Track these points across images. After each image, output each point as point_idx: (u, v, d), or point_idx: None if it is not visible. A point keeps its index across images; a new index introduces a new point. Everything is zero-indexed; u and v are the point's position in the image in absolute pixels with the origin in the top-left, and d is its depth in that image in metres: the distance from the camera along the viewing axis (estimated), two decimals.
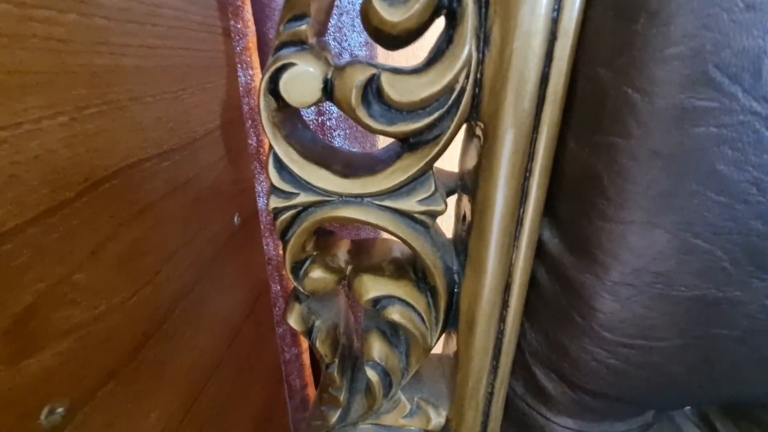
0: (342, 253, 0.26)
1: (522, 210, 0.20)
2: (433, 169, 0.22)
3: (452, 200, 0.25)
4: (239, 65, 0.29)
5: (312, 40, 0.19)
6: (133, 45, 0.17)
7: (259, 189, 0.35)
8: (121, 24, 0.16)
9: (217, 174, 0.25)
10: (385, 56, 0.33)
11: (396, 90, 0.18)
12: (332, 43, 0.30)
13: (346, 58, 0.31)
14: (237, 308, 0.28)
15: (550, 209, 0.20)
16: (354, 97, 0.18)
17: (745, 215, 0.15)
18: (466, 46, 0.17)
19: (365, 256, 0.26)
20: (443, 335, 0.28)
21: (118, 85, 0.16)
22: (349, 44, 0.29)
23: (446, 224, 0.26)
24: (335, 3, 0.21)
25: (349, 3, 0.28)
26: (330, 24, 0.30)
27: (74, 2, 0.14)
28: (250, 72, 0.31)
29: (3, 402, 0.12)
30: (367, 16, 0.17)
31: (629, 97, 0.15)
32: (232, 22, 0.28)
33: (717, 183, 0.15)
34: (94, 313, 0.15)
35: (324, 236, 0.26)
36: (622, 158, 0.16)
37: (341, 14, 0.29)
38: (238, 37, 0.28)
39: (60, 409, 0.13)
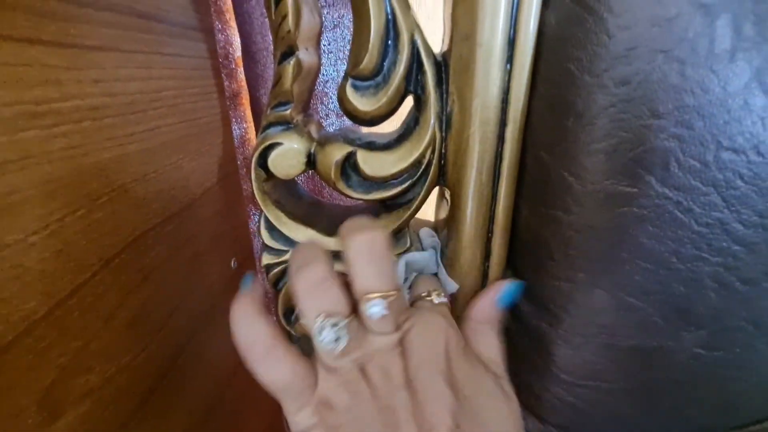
0: None
1: (487, 264, 0.22)
2: (409, 226, 0.24)
3: None
4: (234, 120, 0.32)
5: (297, 118, 0.22)
6: (137, 132, 0.19)
7: (254, 229, 0.37)
8: (126, 117, 0.19)
9: (215, 226, 0.28)
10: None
11: (370, 166, 0.20)
12: (319, 106, 0.33)
13: (332, 119, 0.33)
14: (233, 348, 0.30)
15: (511, 263, 0.23)
16: (333, 173, 0.20)
17: (669, 279, 0.17)
18: (430, 129, 0.20)
19: None
20: None
21: (123, 172, 0.18)
22: (335, 106, 0.32)
23: None
24: (318, 80, 0.24)
25: (334, 71, 0.31)
26: (317, 90, 0.33)
27: (88, 111, 0.16)
28: (245, 125, 0.33)
29: None
30: (342, 101, 0.20)
31: (566, 179, 0.17)
32: (226, 83, 0.30)
33: (642, 253, 0.17)
34: (105, 375, 0.17)
35: None
36: (565, 229, 0.18)
37: (326, 81, 0.32)
38: (232, 96, 0.30)
39: None
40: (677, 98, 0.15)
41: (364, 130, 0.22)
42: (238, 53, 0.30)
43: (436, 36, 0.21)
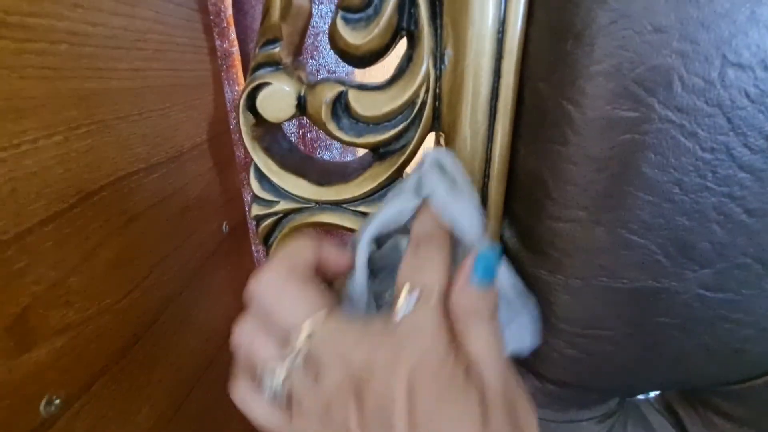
0: None
1: (484, 211, 0.21)
2: (404, 176, 0.24)
3: None
4: (226, 82, 0.31)
5: (286, 60, 0.21)
6: (120, 69, 0.19)
7: (248, 198, 0.37)
8: (108, 50, 0.18)
9: (205, 185, 0.27)
10: None
11: (362, 105, 0.20)
12: (309, 61, 0.32)
13: (323, 74, 0.32)
14: (226, 313, 0.29)
15: (509, 210, 0.22)
16: (324, 113, 0.20)
17: (672, 212, 0.17)
18: (424, 65, 0.19)
19: None
20: None
21: (105, 106, 0.18)
22: (325, 61, 0.31)
23: None
24: (310, 25, 0.23)
25: (325, 24, 0.30)
26: (307, 43, 0.32)
27: (65, 34, 0.16)
28: (237, 88, 0.33)
29: (5, 392, 0.13)
30: (333, 38, 0.19)
31: (564, 108, 0.17)
32: (218, 42, 0.30)
33: (644, 184, 0.17)
34: (86, 314, 0.16)
35: None
36: (563, 163, 0.17)
37: (317, 34, 0.31)
38: (224, 56, 0.30)
39: (57, 401, 0.15)
40: (680, 9, 0.14)
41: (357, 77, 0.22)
42: (230, 11, 0.30)
43: None
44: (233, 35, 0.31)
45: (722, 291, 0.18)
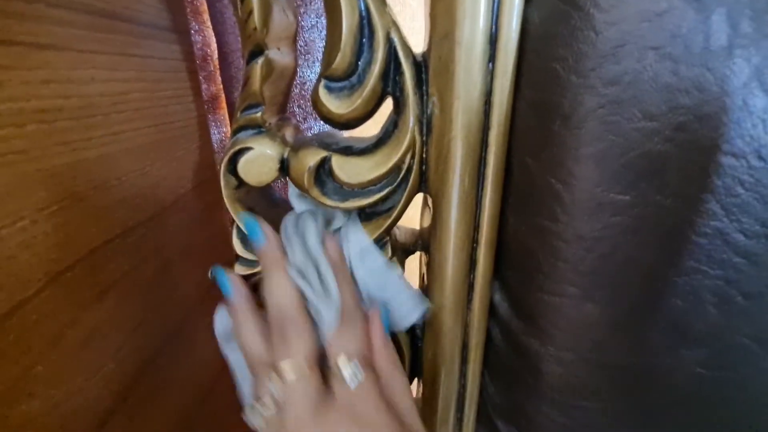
0: None
1: (472, 276, 0.21)
2: (393, 233, 0.23)
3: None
4: (213, 124, 0.31)
5: (270, 121, 0.20)
6: (96, 136, 0.18)
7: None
8: (83, 120, 0.17)
9: (189, 235, 0.26)
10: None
11: (346, 173, 0.19)
12: (296, 109, 0.31)
13: (311, 122, 0.32)
14: (211, 364, 0.28)
15: (500, 275, 0.21)
16: (307, 179, 0.19)
17: (665, 294, 0.16)
18: (409, 133, 0.18)
19: None
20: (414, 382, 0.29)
21: (79, 178, 0.17)
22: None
23: None
24: (297, 75, 0.23)
25: (313, 74, 0.30)
26: (294, 92, 0.32)
27: (33, 113, 0.15)
28: (224, 129, 0.32)
29: None
30: (316, 105, 0.19)
31: (553, 186, 0.16)
32: (204, 86, 0.29)
33: (635, 265, 0.16)
34: (51, 402, 0.15)
35: None
36: (552, 239, 0.17)
37: (304, 83, 0.30)
38: (210, 99, 0.29)
39: None
40: (671, 99, 0.14)
41: (345, 134, 0.21)
42: (216, 55, 0.29)
43: (419, 36, 0.20)
44: (219, 78, 0.30)
45: (719, 369, 0.18)
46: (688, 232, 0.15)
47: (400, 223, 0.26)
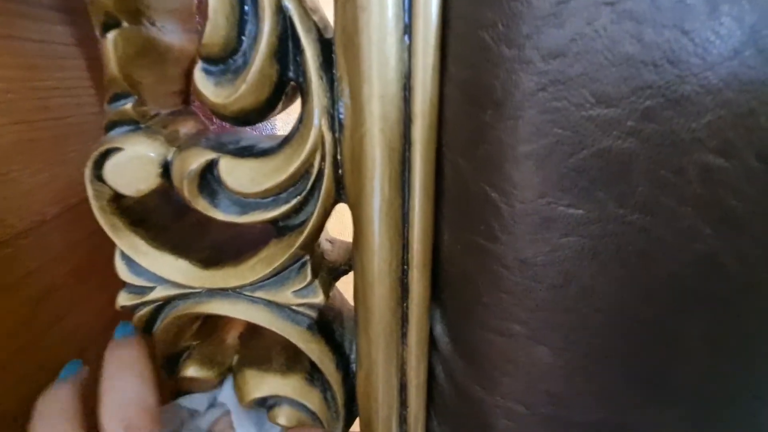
0: (232, 339, 0.23)
1: (405, 305, 0.17)
2: (320, 247, 0.19)
3: None
4: None
5: (155, 112, 0.16)
6: None
7: None
8: None
9: (84, 254, 0.22)
10: None
11: (236, 179, 0.15)
12: None
13: None
14: None
15: (440, 302, 0.17)
16: (187, 188, 0.15)
17: (638, 337, 0.12)
18: (314, 129, 0.15)
19: (256, 340, 0.23)
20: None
21: None
22: None
23: None
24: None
25: None
26: None
27: None
28: None
29: None
30: (198, 97, 0.15)
31: (489, 196, 0.12)
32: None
33: (597, 300, 0.12)
34: None
35: (213, 319, 0.23)
36: (492, 264, 0.13)
37: None
38: None
39: None
40: (633, 75, 0.10)
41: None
42: None
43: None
44: None
45: (696, 429, 0.14)
46: (664, 257, 0.11)
47: (340, 237, 0.22)
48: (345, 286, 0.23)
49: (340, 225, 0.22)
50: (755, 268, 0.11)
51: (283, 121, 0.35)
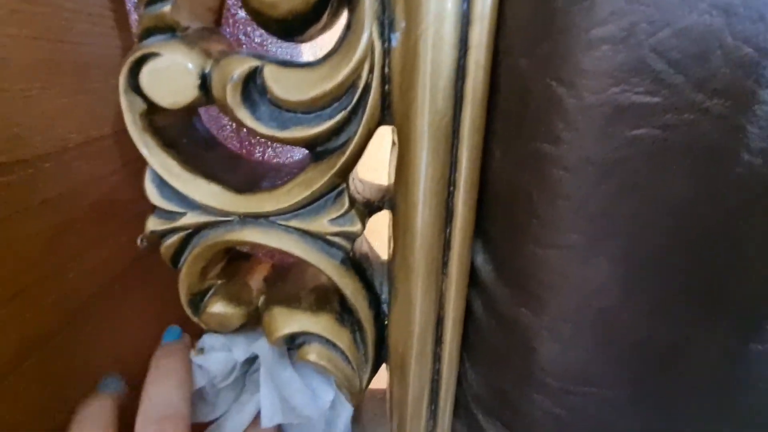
0: (257, 281, 0.22)
1: (449, 231, 0.17)
2: (350, 181, 0.19)
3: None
4: None
5: (186, 25, 0.16)
6: None
7: None
8: None
9: (106, 190, 0.22)
10: None
11: (281, 86, 0.14)
12: (243, 38, 0.26)
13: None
14: (141, 349, 0.23)
15: (482, 230, 0.17)
16: (230, 95, 0.14)
17: (701, 243, 0.12)
18: (365, 34, 0.14)
19: (282, 283, 0.22)
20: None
21: None
22: (263, 39, 0.25)
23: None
24: None
25: None
26: (240, 15, 0.27)
27: None
28: None
29: None
30: None
31: (554, 92, 0.12)
32: (134, 16, 0.24)
33: (665, 202, 0.12)
34: None
35: (237, 261, 0.23)
36: (552, 168, 0.13)
37: None
38: None
39: None
40: None
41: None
42: None
43: None
44: None
45: (762, 343, 0.14)
46: (739, 149, 0.11)
47: (364, 176, 0.22)
48: (371, 236, 0.23)
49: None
50: None
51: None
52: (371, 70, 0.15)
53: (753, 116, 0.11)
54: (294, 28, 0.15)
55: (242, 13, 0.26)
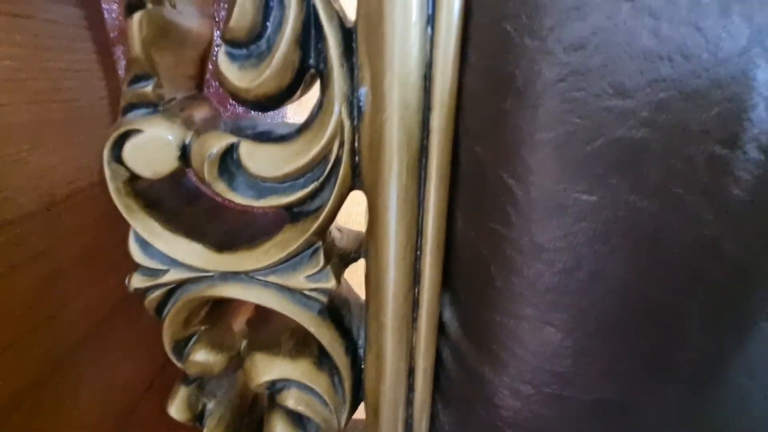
0: (239, 324, 0.23)
1: (417, 290, 0.17)
2: (330, 234, 0.19)
3: None
4: None
5: (174, 96, 0.17)
6: None
7: None
8: None
9: (92, 238, 0.22)
10: None
11: (256, 162, 0.15)
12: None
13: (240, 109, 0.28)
14: (129, 390, 0.24)
15: (450, 287, 0.18)
16: (207, 170, 0.15)
17: (645, 318, 0.13)
18: (335, 113, 0.15)
19: (264, 326, 0.23)
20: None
21: None
22: None
23: None
24: (212, 51, 0.19)
25: None
26: None
27: None
28: None
29: None
30: (219, 81, 0.15)
31: (505, 182, 0.13)
32: (123, 63, 0.25)
33: (607, 283, 0.13)
34: None
35: (221, 304, 0.23)
36: (506, 248, 0.14)
37: None
38: None
39: None
40: (649, 68, 0.10)
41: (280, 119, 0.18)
42: None
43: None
44: None
45: (703, 406, 0.15)
46: (671, 243, 0.12)
47: (345, 225, 0.23)
48: (350, 275, 0.24)
49: (344, 215, 0.23)
50: (753, 255, 0.12)
51: (293, 111, 0.35)
52: (341, 145, 0.16)
53: (681, 214, 0.12)
54: (269, 105, 0.16)
55: None
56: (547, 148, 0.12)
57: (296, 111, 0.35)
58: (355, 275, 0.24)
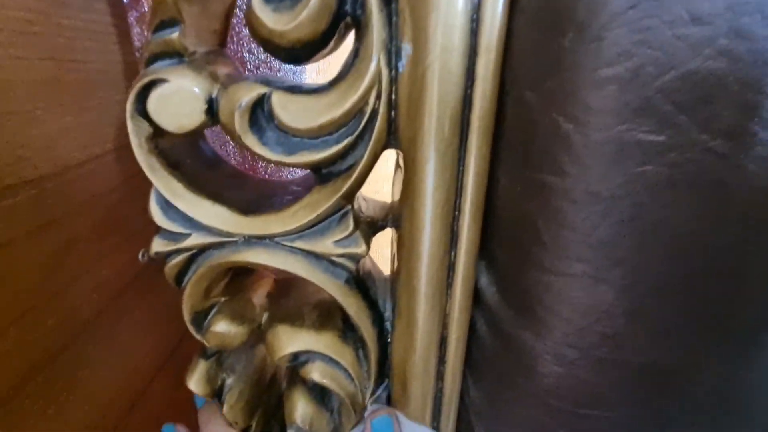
0: (260, 297, 0.22)
1: (453, 254, 0.17)
2: (356, 202, 0.19)
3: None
4: None
5: (194, 50, 0.16)
6: None
7: None
8: None
9: (106, 208, 0.21)
10: None
11: (290, 113, 0.14)
12: (246, 55, 0.26)
13: (264, 70, 0.27)
14: (144, 365, 0.23)
15: (486, 252, 0.17)
16: (238, 122, 0.14)
17: (704, 273, 0.12)
18: (373, 62, 0.14)
19: (286, 299, 0.22)
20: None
21: None
22: (267, 56, 0.25)
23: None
24: (235, 7, 0.18)
25: None
26: (243, 31, 0.27)
27: None
28: None
29: None
30: (251, 24, 0.14)
31: (560, 127, 0.12)
32: (136, 30, 0.24)
33: (668, 234, 0.12)
34: None
35: (240, 277, 0.23)
36: (557, 200, 0.13)
37: None
38: (143, 42, 0.24)
39: None
40: None
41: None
42: None
43: None
44: None
45: (757, 371, 0.14)
46: (741, 186, 0.11)
47: (368, 194, 0.22)
48: (373, 252, 0.23)
49: None
50: None
51: (312, 81, 0.34)
52: (378, 97, 0.15)
53: (754, 155, 0.11)
54: (301, 55, 0.15)
55: (246, 31, 0.25)
56: (610, 86, 0.11)
57: (315, 81, 0.34)
58: (377, 252, 0.23)
